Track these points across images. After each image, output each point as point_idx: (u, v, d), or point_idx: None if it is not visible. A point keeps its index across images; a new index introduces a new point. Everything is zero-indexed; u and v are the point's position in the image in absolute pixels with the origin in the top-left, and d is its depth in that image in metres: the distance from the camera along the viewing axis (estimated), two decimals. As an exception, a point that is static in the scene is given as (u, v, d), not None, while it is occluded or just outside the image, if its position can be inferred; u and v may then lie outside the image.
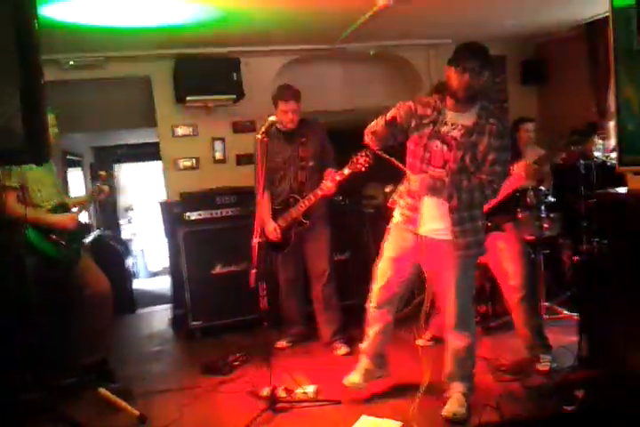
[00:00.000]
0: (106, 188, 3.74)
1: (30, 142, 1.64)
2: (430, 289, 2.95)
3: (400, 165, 2.76)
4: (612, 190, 2.55)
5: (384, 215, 5.09)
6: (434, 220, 2.73)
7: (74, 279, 3.39)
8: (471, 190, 2.59)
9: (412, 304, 4.04)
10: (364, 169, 3.41)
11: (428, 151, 2.66)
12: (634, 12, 2.10)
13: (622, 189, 2.57)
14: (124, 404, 2.94)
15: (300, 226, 3.77)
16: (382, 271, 2.96)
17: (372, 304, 3.05)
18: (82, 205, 3.74)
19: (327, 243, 3.87)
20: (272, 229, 3.77)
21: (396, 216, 2.92)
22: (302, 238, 3.84)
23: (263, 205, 3.57)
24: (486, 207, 2.92)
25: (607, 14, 2.24)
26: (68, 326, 3.46)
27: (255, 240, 3.08)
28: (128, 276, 6.21)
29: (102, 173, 3.92)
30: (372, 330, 3.09)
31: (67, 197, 3.72)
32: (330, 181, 3.56)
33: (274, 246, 3.85)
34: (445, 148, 2.63)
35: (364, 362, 3.17)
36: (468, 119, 2.63)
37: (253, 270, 3.03)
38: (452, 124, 2.64)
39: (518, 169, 3.08)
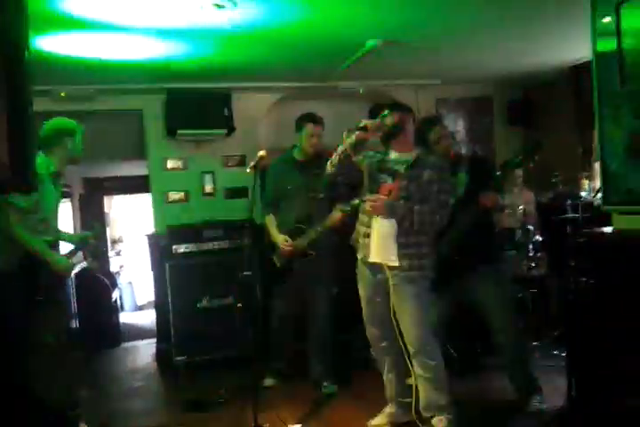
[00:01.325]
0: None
1: (16, 172, 1.63)
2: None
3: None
4: (597, 230, 2.57)
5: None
6: (383, 243, 2.90)
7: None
8: (422, 214, 2.79)
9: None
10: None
11: (375, 183, 2.94)
12: (615, 57, 2.17)
13: (608, 229, 2.59)
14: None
15: (304, 257, 3.71)
16: (364, 312, 3.10)
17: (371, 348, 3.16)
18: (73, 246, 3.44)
19: (331, 283, 3.84)
20: (283, 240, 3.70)
21: (358, 252, 3.07)
22: (306, 274, 3.76)
23: (270, 222, 3.66)
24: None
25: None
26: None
27: (244, 273, 3.06)
28: (114, 309, 6.13)
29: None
30: (383, 372, 3.13)
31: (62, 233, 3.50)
32: (335, 214, 3.58)
33: (273, 276, 3.81)
34: (390, 179, 2.91)
35: (388, 406, 3.17)
36: (409, 155, 2.96)
37: (239, 305, 3.00)
38: (395, 162, 2.97)
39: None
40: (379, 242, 2.92)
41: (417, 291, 2.87)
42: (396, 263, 2.86)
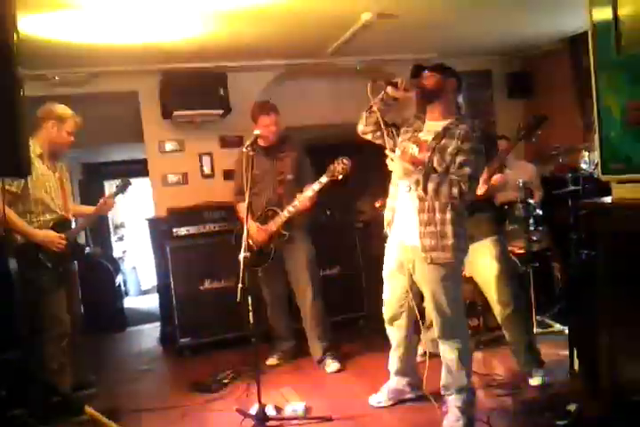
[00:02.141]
0: (111, 201, 3.61)
1: (7, 156, 1.62)
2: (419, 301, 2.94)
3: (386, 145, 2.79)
4: (596, 200, 2.54)
5: (373, 230, 5.11)
6: (406, 219, 2.78)
7: (40, 309, 3.17)
8: (439, 183, 2.59)
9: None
10: (341, 177, 3.49)
11: (403, 153, 2.78)
12: (612, 26, 2.13)
13: (607, 199, 2.56)
14: (110, 423, 2.87)
15: (279, 238, 3.77)
16: (384, 288, 3.03)
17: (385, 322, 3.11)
18: (85, 218, 3.66)
19: (309, 258, 3.85)
20: (255, 229, 3.75)
21: (385, 229, 2.96)
22: (283, 252, 3.83)
23: (245, 211, 3.55)
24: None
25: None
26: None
27: (242, 254, 3.05)
28: (118, 294, 6.16)
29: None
30: (392, 348, 3.11)
31: (76, 206, 3.68)
32: (304, 196, 3.62)
33: (253, 261, 3.81)
34: (417, 149, 2.74)
35: (391, 381, 3.16)
36: (439, 125, 2.75)
37: (240, 285, 3.00)
38: (427, 131, 2.78)
39: (494, 180, 3.10)
40: (401, 218, 2.83)
41: (439, 274, 2.72)
42: (417, 242, 2.73)
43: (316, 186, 3.59)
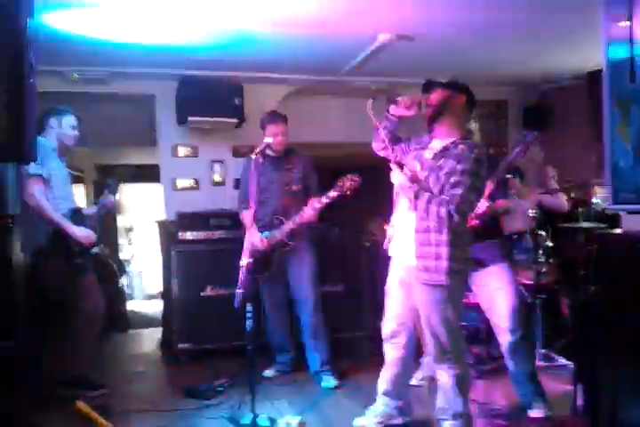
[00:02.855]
0: (110, 197, 3.78)
1: (15, 141, 1.64)
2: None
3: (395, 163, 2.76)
4: (605, 231, 2.51)
5: (380, 251, 5.08)
6: (404, 238, 2.75)
7: (71, 293, 3.42)
8: (428, 201, 2.56)
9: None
10: (349, 193, 3.47)
11: (409, 170, 2.76)
12: (628, 58, 2.14)
13: (617, 230, 2.53)
14: (100, 419, 2.88)
15: (283, 247, 3.76)
16: (386, 305, 2.98)
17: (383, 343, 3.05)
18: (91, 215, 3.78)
19: (312, 270, 3.84)
20: (258, 238, 3.74)
21: (385, 245, 2.94)
22: (286, 262, 3.83)
23: (249, 219, 3.56)
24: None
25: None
26: (53, 338, 3.42)
27: (243, 261, 3.05)
28: (121, 294, 6.16)
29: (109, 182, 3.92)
30: (384, 366, 3.04)
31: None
32: (310, 208, 3.62)
33: (256, 269, 3.81)
34: (418, 168, 2.72)
35: (378, 403, 3.07)
36: (441, 144, 2.71)
37: (240, 290, 2.99)
38: (430, 148, 2.75)
39: (496, 204, 3.07)
40: (400, 235, 2.81)
41: (433, 296, 2.65)
42: (413, 263, 2.69)
43: (324, 199, 3.58)
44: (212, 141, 4.99)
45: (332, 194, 3.54)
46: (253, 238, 3.71)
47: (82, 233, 3.42)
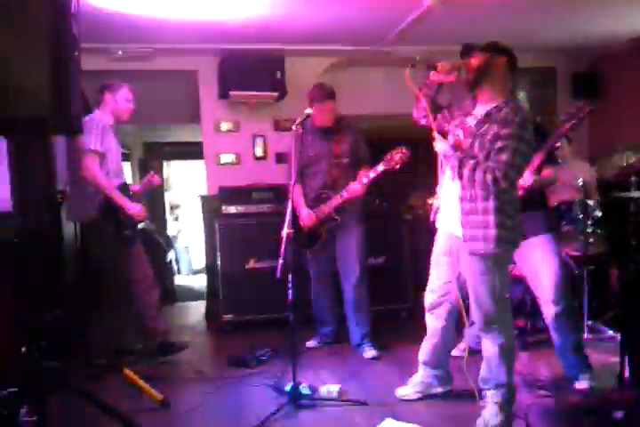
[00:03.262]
0: (156, 178, 3.88)
1: (58, 113, 1.68)
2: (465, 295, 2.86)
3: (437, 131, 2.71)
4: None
5: (422, 224, 5.04)
6: (450, 208, 2.70)
7: (120, 263, 3.54)
8: (473, 169, 2.49)
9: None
10: (398, 166, 3.41)
11: (452, 138, 2.72)
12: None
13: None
14: (147, 387, 2.97)
15: (331, 222, 3.75)
16: (430, 276, 2.96)
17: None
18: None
19: (359, 242, 3.82)
20: (306, 214, 3.75)
21: (432, 216, 2.90)
22: (334, 236, 3.82)
23: (296, 193, 3.58)
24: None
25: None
26: (101, 309, 3.56)
27: (285, 231, 3.07)
28: (168, 270, 6.32)
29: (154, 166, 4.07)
30: (426, 336, 3.05)
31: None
32: (358, 183, 3.58)
33: (304, 243, 3.84)
34: (462, 135, 2.65)
35: (419, 373, 3.10)
36: (485, 110, 2.63)
37: (281, 261, 3.02)
38: (474, 115, 2.67)
39: (544, 173, 2.99)
40: (446, 206, 2.76)
41: (483, 267, 2.60)
42: (460, 233, 2.62)
43: (371, 174, 3.53)
44: (254, 116, 5.01)
45: (380, 168, 3.49)
46: (302, 213, 3.75)
47: (135, 208, 3.51)
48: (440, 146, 2.66)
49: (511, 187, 2.55)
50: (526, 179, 2.89)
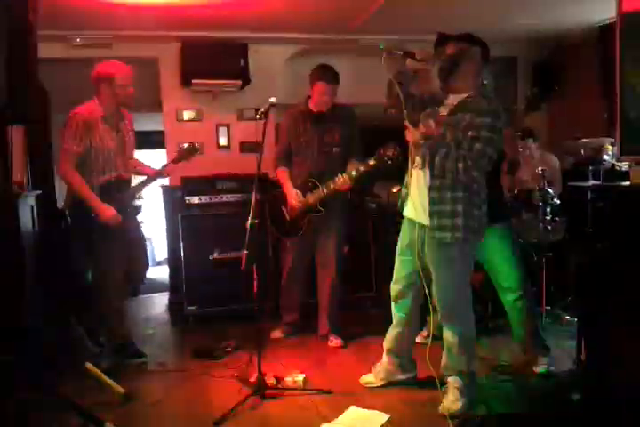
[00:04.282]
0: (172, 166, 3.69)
1: (14, 101, 1.63)
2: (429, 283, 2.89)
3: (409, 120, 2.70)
4: (612, 184, 2.48)
5: (387, 213, 5.07)
6: (418, 197, 2.72)
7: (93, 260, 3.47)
8: (444, 157, 2.51)
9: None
10: (390, 162, 3.30)
11: (424, 127, 2.71)
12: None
13: (625, 183, 2.50)
14: (109, 381, 2.92)
15: (315, 213, 3.70)
16: (395, 266, 2.98)
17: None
18: (142, 182, 3.72)
19: (339, 235, 3.81)
20: (294, 194, 3.67)
21: (399, 205, 2.92)
22: (315, 227, 3.77)
23: (283, 177, 3.56)
24: None
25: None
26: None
27: (249, 221, 3.04)
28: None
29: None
30: (391, 325, 3.08)
31: (137, 162, 3.73)
32: (347, 176, 3.49)
33: (284, 231, 3.81)
34: (433, 124, 2.65)
35: (383, 361, 3.13)
36: (457, 99, 2.65)
37: (245, 251, 2.99)
38: (446, 104, 2.69)
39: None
40: (413, 195, 2.77)
41: (448, 255, 2.65)
42: (427, 222, 2.66)
43: (362, 168, 3.44)
44: (217, 105, 4.94)
45: (372, 162, 3.37)
46: (290, 193, 3.68)
47: (106, 213, 3.30)
48: (411, 135, 2.66)
49: (481, 177, 2.58)
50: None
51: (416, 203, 2.74)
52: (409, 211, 2.84)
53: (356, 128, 3.76)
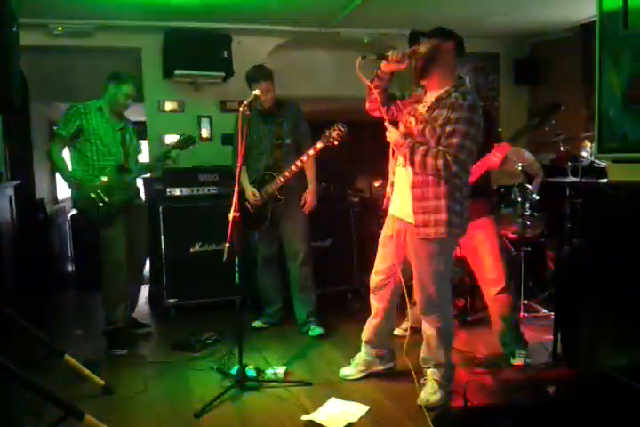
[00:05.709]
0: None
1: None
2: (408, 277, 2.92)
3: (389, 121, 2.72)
4: (590, 181, 2.52)
5: (369, 207, 5.09)
6: (401, 195, 2.74)
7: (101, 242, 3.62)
8: (424, 154, 2.53)
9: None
10: (336, 143, 3.42)
11: (404, 126, 2.74)
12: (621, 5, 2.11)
13: (602, 180, 2.54)
14: (88, 373, 2.90)
15: (276, 202, 3.77)
16: (377, 258, 2.99)
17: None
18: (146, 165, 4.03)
19: (303, 222, 3.86)
20: (251, 192, 3.78)
21: (385, 203, 2.94)
22: (279, 216, 3.84)
23: (241, 174, 3.54)
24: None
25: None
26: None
27: (231, 214, 3.05)
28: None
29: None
30: (370, 316, 3.10)
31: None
32: (299, 161, 3.60)
33: (250, 224, 3.83)
34: (414, 122, 2.67)
35: (362, 352, 3.16)
36: (434, 96, 2.66)
37: (227, 244, 2.99)
38: (425, 101, 2.70)
39: (497, 150, 3.04)
40: (397, 193, 2.79)
41: (429, 250, 2.66)
42: (411, 217, 2.67)
43: (310, 151, 3.55)
44: (199, 96, 4.92)
45: (319, 145, 3.50)
46: (246, 193, 3.74)
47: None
48: (391, 136, 2.68)
49: (462, 171, 2.59)
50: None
51: (401, 201, 2.76)
52: (394, 209, 2.85)
53: (302, 118, 3.87)
